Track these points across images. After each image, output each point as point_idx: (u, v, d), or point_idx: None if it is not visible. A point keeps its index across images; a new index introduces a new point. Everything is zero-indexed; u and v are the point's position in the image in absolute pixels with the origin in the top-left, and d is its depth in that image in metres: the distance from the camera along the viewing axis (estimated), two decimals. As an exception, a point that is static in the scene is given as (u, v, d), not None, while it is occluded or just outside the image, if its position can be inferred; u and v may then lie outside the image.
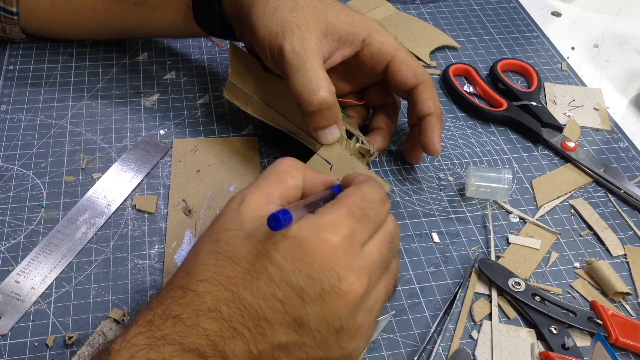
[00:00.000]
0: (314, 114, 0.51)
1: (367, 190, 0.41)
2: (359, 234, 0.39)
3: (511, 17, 0.82)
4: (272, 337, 0.36)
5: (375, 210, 0.41)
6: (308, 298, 0.36)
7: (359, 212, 0.39)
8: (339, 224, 0.38)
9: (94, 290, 0.49)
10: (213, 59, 0.71)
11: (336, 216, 0.39)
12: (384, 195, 0.42)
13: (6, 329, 0.46)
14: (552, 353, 0.46)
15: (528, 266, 0.53)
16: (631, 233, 0.57)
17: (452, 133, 0.65)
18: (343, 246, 0.38)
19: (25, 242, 0.51)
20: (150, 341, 0.35)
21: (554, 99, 0.70)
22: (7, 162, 0.58)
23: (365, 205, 0.40)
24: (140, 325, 0.36)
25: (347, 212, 0.39)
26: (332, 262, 0.37)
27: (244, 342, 0.36)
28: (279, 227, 0.35)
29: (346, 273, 0.37)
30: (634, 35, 0.82)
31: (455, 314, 0.49)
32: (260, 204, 0.40)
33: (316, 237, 0.37)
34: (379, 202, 0.41)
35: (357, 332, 0.39)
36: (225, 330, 0.36)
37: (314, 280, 0.36)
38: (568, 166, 0.62)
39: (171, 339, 0.35)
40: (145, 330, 0.35)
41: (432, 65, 0.73)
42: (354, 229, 0.39)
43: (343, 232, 0.38)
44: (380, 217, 0.41)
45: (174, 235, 0.52)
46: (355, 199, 0.40)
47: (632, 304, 0.51)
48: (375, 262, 0.39)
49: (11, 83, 0.66)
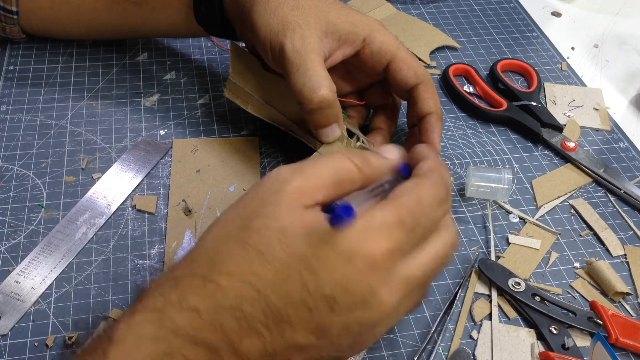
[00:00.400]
0: (314, 112, 0.50)
1: (425, 192, 0.37)
2: (405, 247, 0.36)
3: (511, 17, 0.82)
4: (291, 339, 0.34)
5: (430, 218, 0.37)
6: (337, 308, 0.34)
7: (411, 222, 0.36)
8: (387, 235, 0.35)
9: (94, 290, 0.49)
10: (213, 59, 0.71)
11: (385, 225, 0.35)
12: (444, 196, 0.38)
13: (6, 329, 0.46)
14: (552, 353, 0.46)
15: (528, 266, 0.53)
16: (631, 233, 0.57)
17: (452, 133, 0.65)
18: (385, 261, 0.35)
19: (25, 242, 0.51)
20: (159, 332, 0.33)
21: (554, 99, 0.70)
22: (7, 162, 0.58)
23: (420, 213, 0.36)
24: (150, 311, 0.33)
25: (398, 222, 0.35)
26: (370, 277, 0.34)
27: (261, 340, 0.34)
28: (340, 223, 0.33)
29: (380, 288, 0.35)
30: (634, 35, 0.82)
31: (455, 314, 0.49)
32: (304, 193, 0.35)
33: (361, 249, 0.34)
34: (436, 205, 0.37)
35: (372, 340, 0.38)
36: (245, 329, 0.33)
37: (348, 292, 0.34)
38: (568, 166, 0.62)
39: (183, 332, 0.33)
40: (154, 319, 0.33)
41: (432, 65, 0.73)
42: (401, 243, 0.35)
43: (389, 246, 0.35)
44: (433, 224, 0.38)
45: (174, 236, 0.52)
46: (410, 204, 0.36)
47: (632, 304, 0.51)
48: (415, 281, 0.36)
49: (11, 83, 0.66)
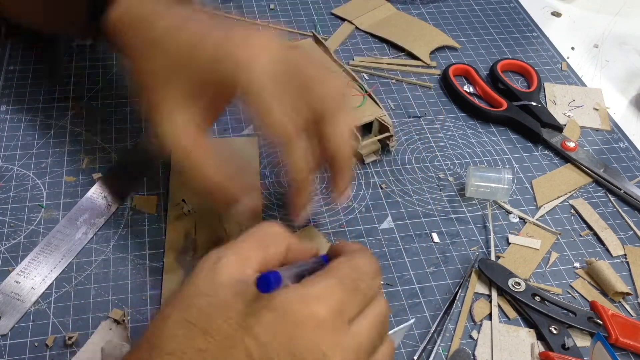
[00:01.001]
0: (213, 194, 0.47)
1: (361, 262, 0.38)
2: (348, 308, 0.35)
3: (511, 17, 0.82)
4: None
5: (367, 284, 0.37)
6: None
7: (350, 284, 0.36)
8: (329, 296, 0.35)
9: (94, 290, 0.49)
10: (213, 59, 0.71)
11: (325, 287, 0.35)
12: (377, 268, 0.39)
13: (6, 329, 0.46)
14: (552, 353, 0.46)
15: (528, 266, 0.53)
16: (631, 233, 0.57)
17: (452, 133, 0.65)
18: (331, 322, 0.34)
19: (25, 242, 0.51)
20: None
21: (554, 99, 0.70)
22: (7, 162, 0.58)
23: (357, 277, 0.37)
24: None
25: (338, 283, 0.35)
26: (319, 338, 0.33)
27: None
28: (268, 289, 0.32)
29: (332, 353, 0.33)
30: (634, 35, 0.82)
31: (455, 314, 0.49)
32: (237, 267, 0.36)
33: (303, 309, 0.34)
34: (372, 276, 0.38)
35: None
36: None
37: (296, 357, 0.33)
38: (568, 166, 0.62)
39: None
40: None
41: (432, 65, 0.73)
42: (344, 303, 0.35)
43: (332, 305, 0.34)
44: (371, 292, 0.37)
45: (174, 236, 0.52)
46: (347, 270, 0.37)
47: (632, 304, 0.51)
48: (363, 345, 0.36)
49: (11, 83, 0.66)
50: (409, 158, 0.62)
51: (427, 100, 0.68)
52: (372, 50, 0.74)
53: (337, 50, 0.74)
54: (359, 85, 0.62)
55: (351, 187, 0.51)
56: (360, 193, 0.58)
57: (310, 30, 0.75)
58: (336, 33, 0.76)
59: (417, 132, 0.65)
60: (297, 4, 0.80)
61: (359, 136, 0.58)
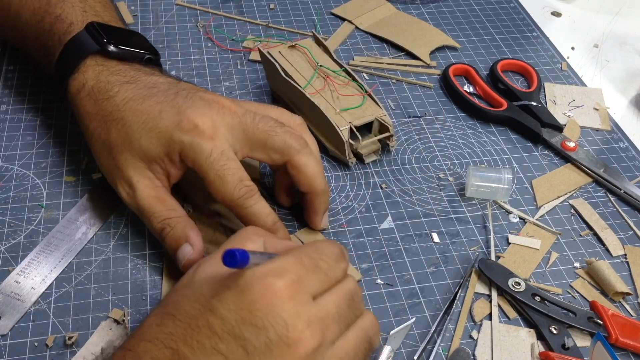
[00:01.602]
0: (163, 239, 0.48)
1: (322, 245, 0.40)
2: (307, 282, 0.36)
3: (511, 17, 0.82)
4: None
5: (328, 264, 0.38)
6: (253, 349, 0.34)
7: (309, 262, 0.37)
8: (285, 269, 0.36)
9: (94, 290, 0.49)
10: (213, 58, 0.71)
11: (282, 262, 0.36)
12: (340, 254, 0.40)
13: (6, 329, 0.46)
14: (552, 353, 0.46)
15: (528, 266, 0.53)
16: (631, 233, 0.57)
17: (452, 133, 0.65)
18: (289, 291, 0.35)
19: (25, 242, 0.51)
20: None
21: (554, 99, 0.70)
22: (7, 162, 0.58)
23: (317, 257, 0.38)
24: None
25: (296, 260, 0.37)
26: (278, 308, 0.34)
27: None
28: (233, 263, 0.33)
29: (294, 321, 0.34)
30: (634, 35, 0.82)
31: (455, 314, 0.49)
32: (214, 266, 0.38)
33: (259, 282, 0.35)
34: (333, 257, 0.39)
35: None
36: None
37: (259, 329, 0.34)
38: (568, 166, 0.62)
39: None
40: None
41: (432, 65, 0.73)
42: (301, 276, 0.36)
43: (289, 277, 0.35)
44: (334, 273, 0.39)
45: (174, 235, 0.52)
46: (307, 250, 0.38)
47: (632, 304, 0.51)
48: (331, 315, 0.37)
49: (11, 83, 0.66)
50: (409, 158, 0.62)
51: (427, 100, 0.68)
52: (372, 50, 0.74)
53: (337, 50, 0.74)
54: (359, 85, 0.62)
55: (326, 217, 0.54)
56: (360, 193, 0.58)
57: (310, 30, 0.75)
58: (336, 33, 0.76)
59: (417, 132, 0.65)
60: (297, 4, 0.80)
61: (358, 136, 0.58)
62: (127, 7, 0.77)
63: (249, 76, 0.69)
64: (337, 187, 0.58)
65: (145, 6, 0.78)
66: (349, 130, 0.58)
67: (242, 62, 0.71)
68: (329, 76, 0.62)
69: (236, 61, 0.71)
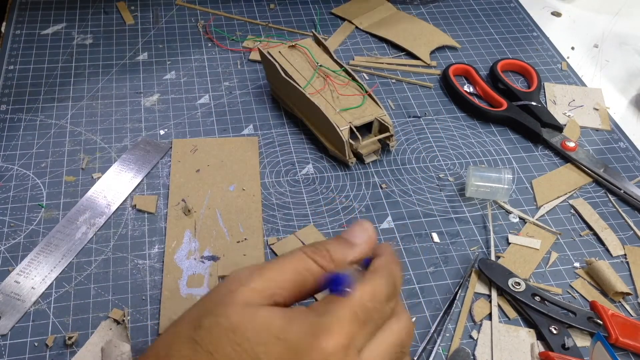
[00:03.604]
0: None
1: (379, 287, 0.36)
2: (358, 340, 0.34)
3: (511, 17, 0.82)
4: None
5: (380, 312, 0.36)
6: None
7: (364, 316, 0.35)
8: (339, 329, 0.33)
9: (94, 290, 0.49)
10: (213, 59, 0.71)
11: (337, 319, 0.34)
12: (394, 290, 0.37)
13: (6, 329, 0.46)
14: (552, 353, 0.46)
15: (528, 266, 0.53)
16: (631, 233, 0.57)
17: (452, 133, 0.65)
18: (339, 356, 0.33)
19: (25, 242, 0.51)
20: None
21: (554, 99, 0.70)
22: (7, 162, 0.58)
23: (372, 306, 0.35)
24: None
25: (351, 316, 0.34)
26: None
27: None
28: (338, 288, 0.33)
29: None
30: (634, 35, 0.82)
31: (455, 314, 0.49)
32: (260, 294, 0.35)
33: (311, 342, 0.33)
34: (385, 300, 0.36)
35: None
36: None
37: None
38: (568, 166, 0.62)
39: None
40: None
41: (432, 65, 0.73)
42: (354, 336, 0.34)
43: (341, 340, 0.33)
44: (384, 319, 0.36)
45: (173, 235, 0.52)
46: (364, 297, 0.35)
47: (632, 304, 0.51)
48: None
49: (11, 83, 0.66)
50: (409, 158, 0.62)
51: (427, 100, 0.68)
52: (372, 50, 0.74)
53: (337, 50, 0.74)
54: (359, 85, 0.62)
55: None
56: (360, 193, 0.58)
57: (310, 30, 0.75)
58: (336, 33, 0.76)
59: (417, 132, 0.65)
60: (297, 4, 0.80)
61: (358, 136, 0.58)
62: (127, 7, 0.77)
63: (249, 76, 0.69)
64: (337, 187, 0.58)
65: (145, 6, 0.78)
66: (349, 130, 0.58)
67: (242, 62, 0.71)
68: (329, 76, 0.62)
69: (236, 61, 0.71)
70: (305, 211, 0.56)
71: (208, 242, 0.52)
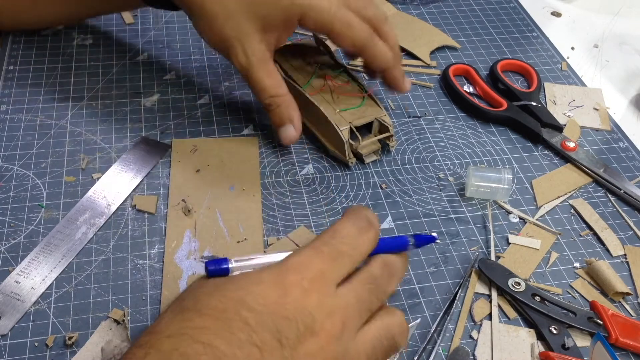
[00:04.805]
0: (269, 112, 0.57)
1: (340, 225, 0.40)
2: (330, 273, 0.37)
3: (511, 17, 0.82)
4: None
5: (349, 244, 0.39)
6: (286, 341, 0.34)
7: (329, 250, 0.38)
8: (306, 265, 0.37)
9: (94, 290, 0.49)
10: (213, 58, 0.71)
11: (303, 257, 0.37)
12: (364, 224, 0.40)
13: (6, 329, 0.46)
14: (552, 353, 0.46)
15: (528, 266, 0.53)
16: (631, 233, 0.57)
17: (452, 133, 0.65)
18: (314, 287, 0.36)
19: (25, 242, 0.51)
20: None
21: (554, 99, 0.70)
22: (7, 162, 0.58)
23: (336, 242, 0.38)
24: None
25: (315, 252, 0.37)
26: (305, 302, 0.35)
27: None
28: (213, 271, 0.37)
29: (318, 312, 0.36)
30: (634, 35, 0.82)
31: (455, 314, 0.49)
32: None
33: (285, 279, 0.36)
34: (355, 234, 0.39)
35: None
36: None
37: (290, 321, 0.35)
38: (568, 166, 0.62)
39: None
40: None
41: (432, 65, 0.73)
42: (323, 270, 0.37)
43: (311, 274, 0.36)
44: (358, 250, 0.39)
45: (173, 235, 0.52)
46: (324, 237, 0.39)
47: (632, 304, 0.51)
48: (351, 305, 0.37)
49: (11, 83, 0.66)
50: (409, 158, 0.62)
51: (427, 100, 0.68)
52: (372, 50, 0.74)
53: (337, 50, 0.74)
54: (359, 85, 0.62)
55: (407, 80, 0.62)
56: (360, 193, 0.58)
57: (310, 30, 0.75)
58: (336, 33, 0.76)
59: (417, 132, 0.65)
60: (297, 4, 0.80)
61: (358, 136, 0.58)
62: (127, 7, 0.77)
63: (249, 76, 0.69)
64: (337, 187, 0.58)
65: (145, 6, 0.78)
66: (349, 130, 0.58)
67: (242, 62, 0.71)
68: (329, 76, 0.62)
69: (236, 61, 0.71)
70: (305, 211, 0.56)
71: (208, 242, 0.52)
